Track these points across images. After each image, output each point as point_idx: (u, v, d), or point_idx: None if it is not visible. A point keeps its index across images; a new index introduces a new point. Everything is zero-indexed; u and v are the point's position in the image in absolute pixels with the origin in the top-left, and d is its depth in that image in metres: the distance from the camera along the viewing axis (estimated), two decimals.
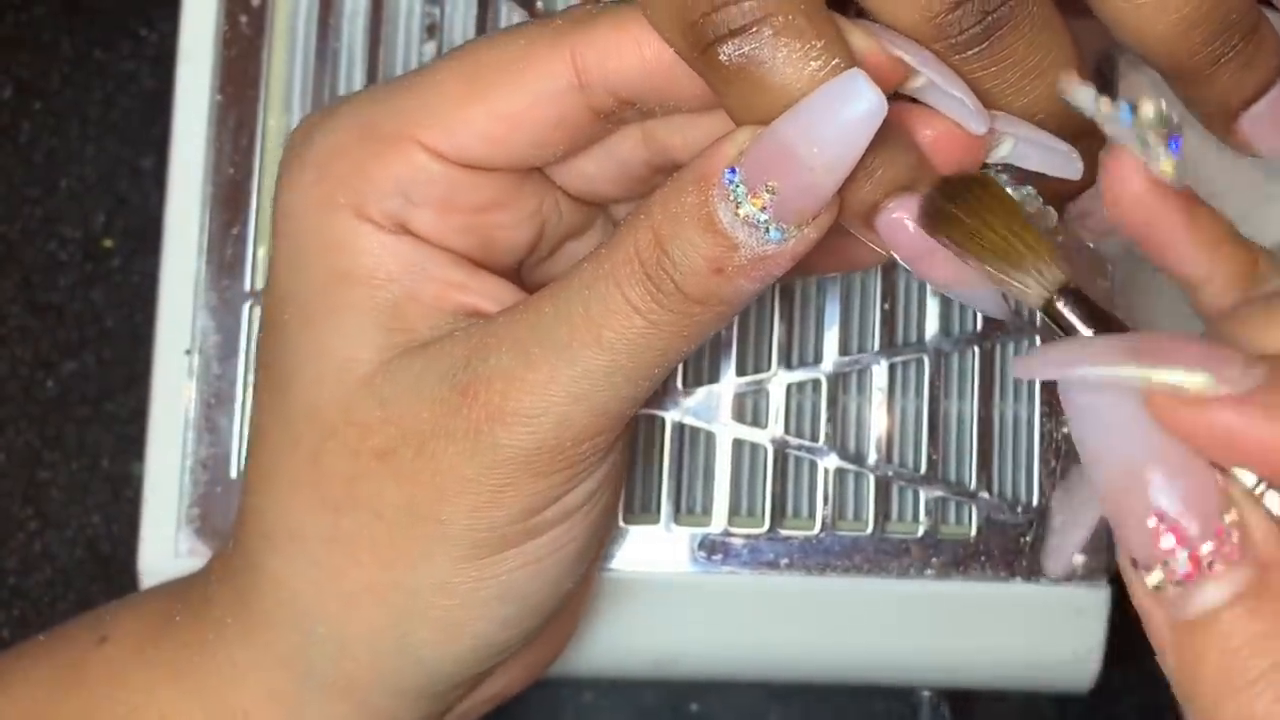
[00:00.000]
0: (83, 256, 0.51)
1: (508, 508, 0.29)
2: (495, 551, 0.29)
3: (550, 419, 0.28)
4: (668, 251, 0.27)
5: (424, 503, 0.29)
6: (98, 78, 0.52)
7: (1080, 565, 0.39)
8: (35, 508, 0.50)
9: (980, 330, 0.40)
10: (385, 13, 0.40)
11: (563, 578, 0.31)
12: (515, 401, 0.28)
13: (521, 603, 0.30)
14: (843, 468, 0.40)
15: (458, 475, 0.29)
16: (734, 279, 0.27)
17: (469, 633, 0.30)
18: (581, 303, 0.28)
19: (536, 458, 0.28)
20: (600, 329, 0.28)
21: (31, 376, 0.51)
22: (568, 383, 0.28)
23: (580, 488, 0.30)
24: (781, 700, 0.49)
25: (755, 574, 0.39)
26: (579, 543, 0.31)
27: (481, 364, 0.28)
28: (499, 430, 0.28)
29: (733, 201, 0.26)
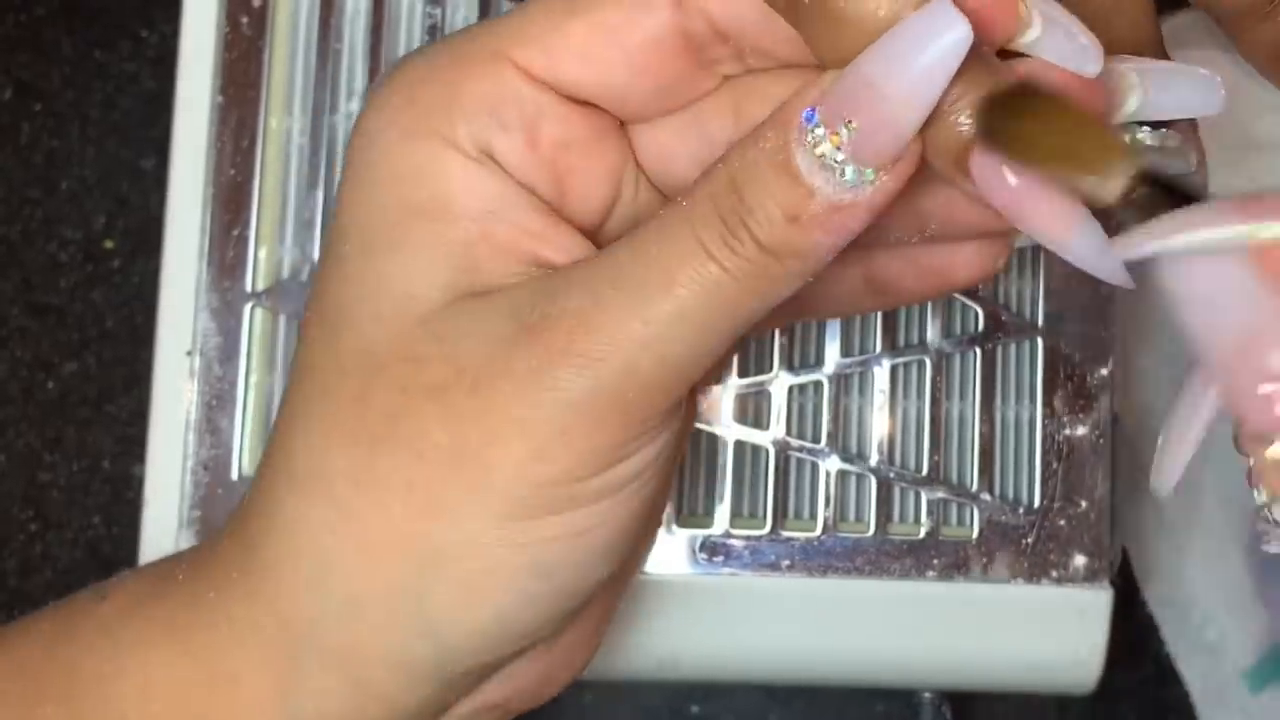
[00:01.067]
0: (83, 258, 0.51)
1: (558, 462, 0.27)
2: (536, 514, 0.28)
3: (615, 363, 0.27)
4: (744, 197, 0.26)
5: (471, 445, 0.27)
6: (98, 79, 0.52)
7: (1082, 567, 0.39)
8: (36, 509, 0.50)
9: (982, 331, 0.40)
10: (386, 14, 0.40)
11: (596, 562, 0.29)
12: (582, 343, 0.27)
13: (552, 579, 0.29)
14: (844, 469, 0.40)
15: (511, 416, 0.27)
16: (809, 230, 0.26)
17: (490, 603, 0.28)
18: (657, 245, 0.27)
19: (596, 404, 0.27)
20: (674, 274, 0.26)
21: (32, 378, 0.51)
22: (638, 327, 0.27)
23: (633, 459, 0.28)
24: (782, 702, 0.49)
25: (757, 575, 0.39)
26: (623, 523, 0.29)
27: (550, 304, 0.27)
28: (561, 371, 0.27)
29: (810, 142, 0.25)
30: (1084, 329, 0.40)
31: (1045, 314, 0.40)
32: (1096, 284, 0.40)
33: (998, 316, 0.40)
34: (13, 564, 0.50)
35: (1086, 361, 0.40)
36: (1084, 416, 0.40)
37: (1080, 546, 0.39)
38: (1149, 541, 0.49)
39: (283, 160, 0.40)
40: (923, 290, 0.31)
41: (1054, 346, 0.40)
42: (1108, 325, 0.40)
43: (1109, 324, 0.40)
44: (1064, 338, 0.40)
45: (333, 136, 0.41)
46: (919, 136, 0.26)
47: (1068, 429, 0.40)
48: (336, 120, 0.41)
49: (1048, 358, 0.40)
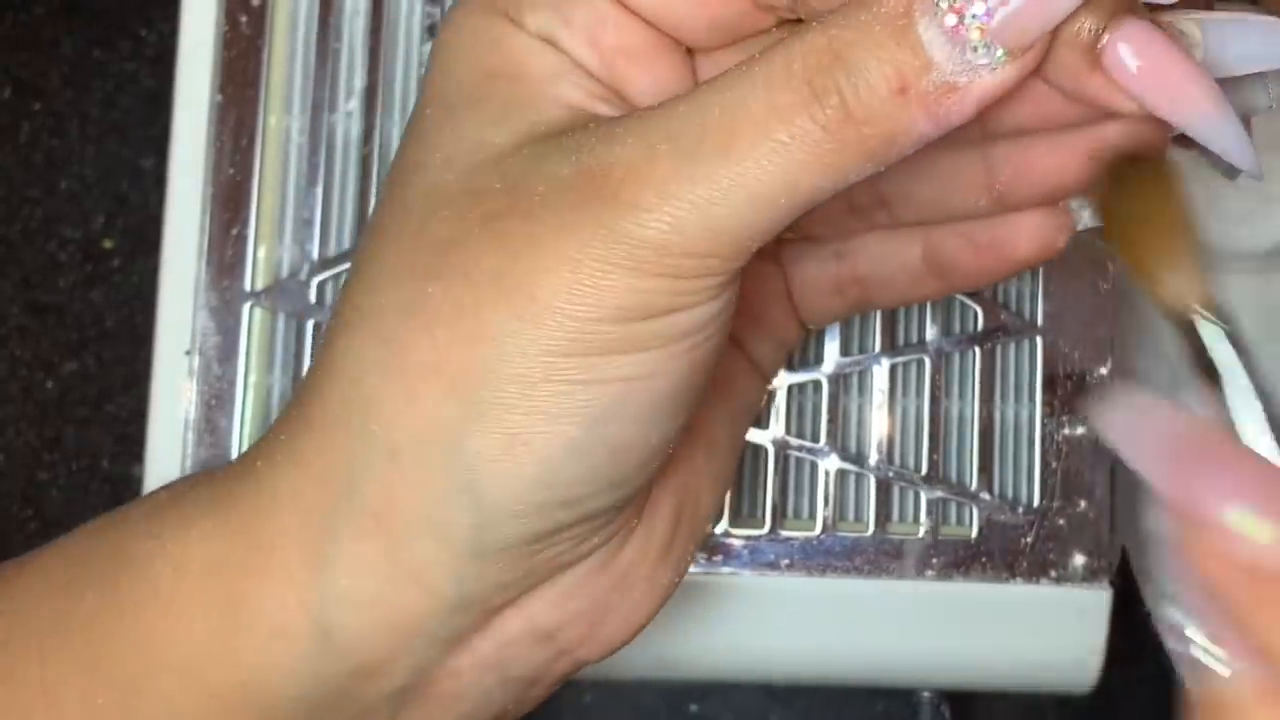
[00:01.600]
0: (82, 257, 0.51)
1: (603, 298, 0.26)
2: (585, 352, 0.27)
3: (662, 218, 0.26)
4: (844, 59, 0.25)
5: (519, 271, 0.27)
6: (97, 78, 0.52)
7: (1081, 566, 0.39)
8: (35, 508, 0.50)
9: (981, 331, 0.40)
10: (385, 13, 0.40)
11: (646, 418, 0.28)
12: (631, 191, 0.26)
13: (597, 429, 0.27)
14: (844, 469, 0.39)
15: (558, 249, 0.26)
16: (912, 107, 0.25)
17: (534, 452, 0.27)
18: (720, 103, 0.26)
19: (640, 252, 0.26)
20: (733, 134, 0.25)
21: (31, 377, 0.51)
22: (687, 185, 0.26)
23: (678, 316, 0.27)
24: (782, 701, 0.49)
25: (756, 575, 0.39)
26: (669, 380, 0.28)
27: (606, 150, 0.27)
28: (608, 213, 0.26)
29: (943, 8, 0.24)
30: (1083, 328, 0.40)
31: (1044, 313, 0.40)
32: (1096, 283, 0.40)
33: (997, 316, 0.40)
34: None
35: (1085, 360, 0.40)
36: (1083, 416, 0.40)
37: (1079, 546, 0.39)
38: (1147, 541, 0.49)
39: (282, 159, 0.40)
40: (982, 268, 0.30)
41: (1053, 346, 0.40)
42: (1107, 325, 0.40)
43: (1108, 323, 0.40)
44: (1063, 337, 0.40)
45: (331, 135, 0.41)
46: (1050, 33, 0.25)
47: (1067, 428, 0.40)
48: (335, 119, 0.41)
49: (1047, 357, 0.40)
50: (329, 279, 0.40)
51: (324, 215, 0.40)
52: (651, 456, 0.29)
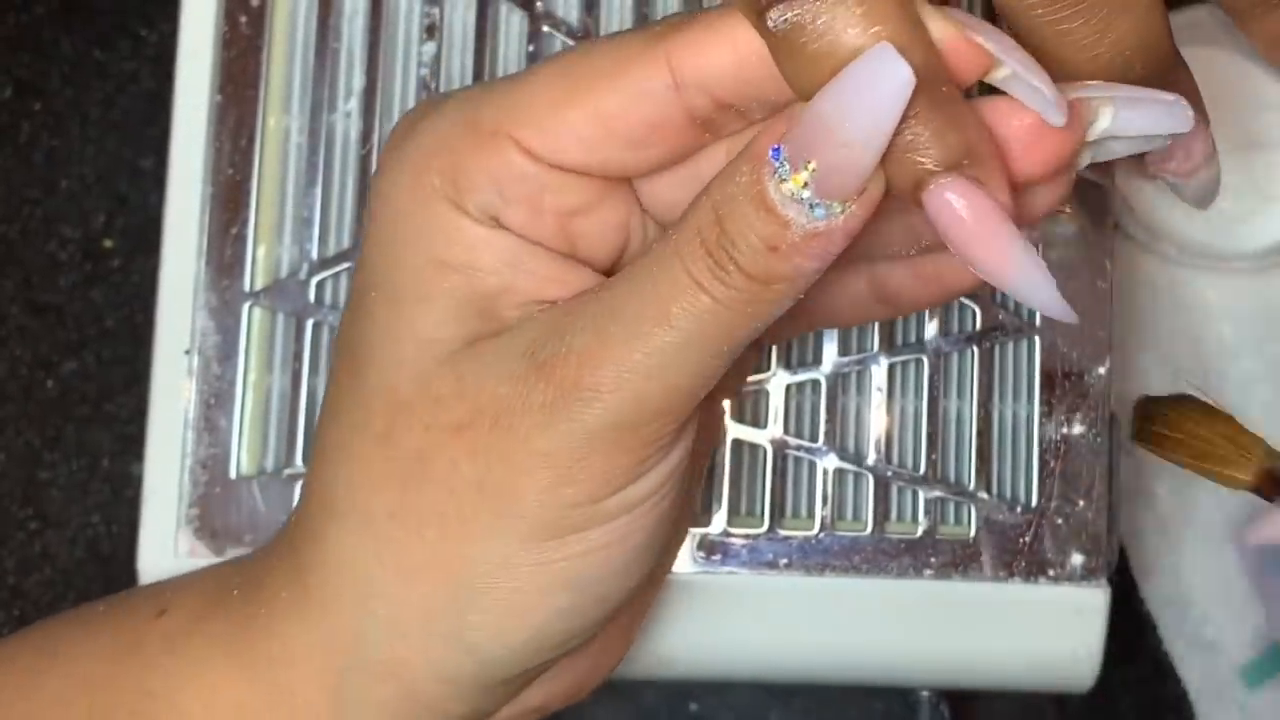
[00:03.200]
0: (82, 256, 0.51)
1: (580, 485, 0.29)
2: (562, 534, 0.29)
3: (625, 394, 0.28)
4: (726, 229, 0.27)
5: (497, 477, 0.29)
6: (97, 78, 0.52)
7: (1079, 565, 0.39)
8: (35, 508, 0.50)
9: (979, 330, 0.40)
10: (385, 13, 0.40)
11: (627, 570, 0.31)
12: (591, 376, 0.28)
13: (582, 592, 0.30)
14: (842, 468, 0.40)
15: (533, 449, 0.29)
16: (790, 257, 0.27)
17: (526, 621, 0.30)
18: (651, 281, 0.28)
19: (611, 433, 0.28)
20: (668, 305, 0.28)
21: (31, 376, 0.51)
22: (641, 359, 0.28)
23: (649, 476, 0.29)
24: (780, 700, 0.49)
25: (754, 574, 0.39)
26: (645, 534, 0.30)
27: (559, 342, 0.29)
28: (575, 405, 0.28)
29: (778, 178, 0.26)
30: (1081, 328, 0.40)
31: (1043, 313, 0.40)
32: (1094, 283, 0.40)
33: (995, 315, 0.40)
34: (12, 562, 0.50)
35: (1084, 360, 0.40)
36: (1081, 415, 0.40)
37: (1078, 545, 0.39)
38: (1146, 539, 0.49)
39: (281, 159, 0.40)
40: (927, 297, 0.32)
41: (1051, 345, 0.40)
42: (1105, 324, 0.40)
43: (1106, 323, 0.40)
44: (1061, 336, 0.40)
45: (331, 135, 0.41)
46: (882, 168, 0.27)
47: (1065, 428, 0.40)
48: (335, 119, 0.41)
49: (1045, 356, 0.40)
50: (328, 278, 0.40)
51: (323, 215, 0.40)
52: (635, 591, 0.31)
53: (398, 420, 0.30)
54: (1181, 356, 0.49)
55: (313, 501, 0.32)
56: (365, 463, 0.31)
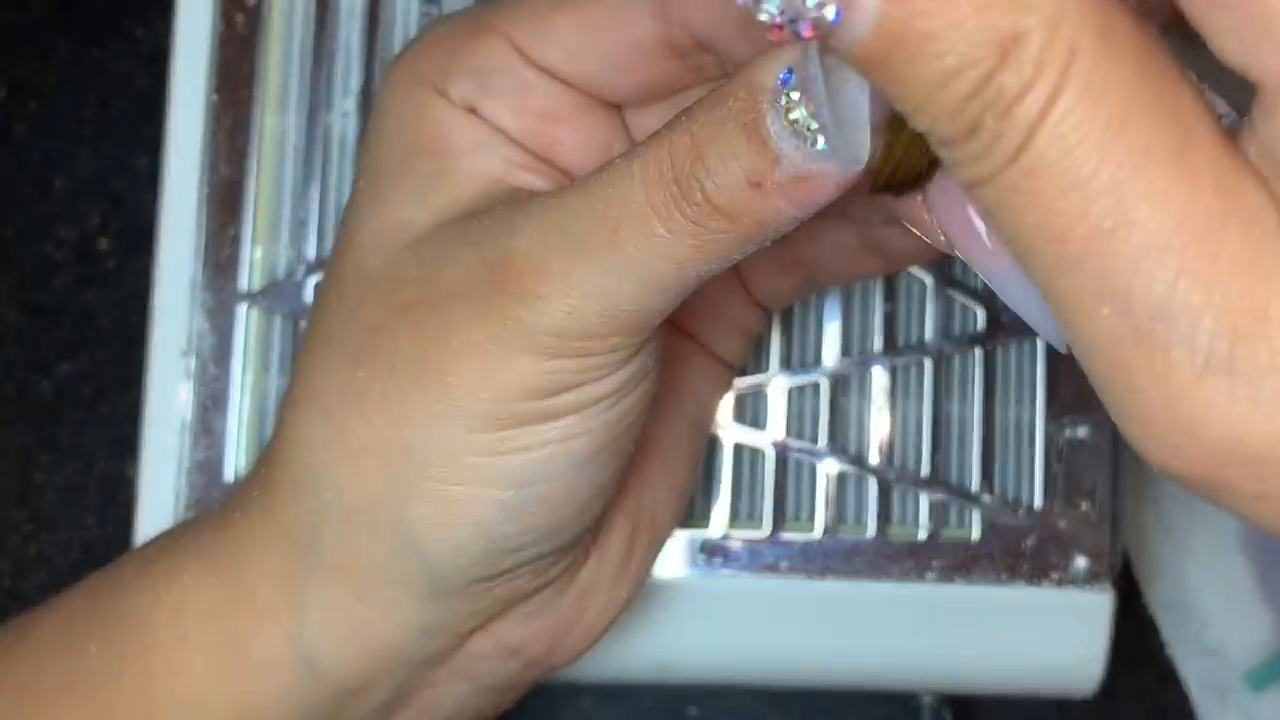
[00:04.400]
0: (77, 257, 0.51)
1: (514, 380, 0.28)
2: (499, 427, 0.29)
3: (561, 307, 0.28)
4: (704, 157, 0.26)
5: (434, 359, 0.29)
6: (93, 78, 0.52)
7: (1083, 569, 0.39)
8: (30, 510, 0.50)
9: (982, 332, 0.40)
10: (382, 12, 0.40)
11: (571, 476, 0.30)
12: (529, 282, 0.28)
13: (523, 490, 0.29)
14: (844, 471, 0.39)
15: (468, 337, 0.28)
16: (771, 197, 0.25)
17: (467, 514, 0.29)
18: (604, 198, 0.27)
19: (543, 339, 0.28)
20: (617, 228, 0.27)
21: (26, 378, 0.50)
22: (581, 277, 0.27)
23: (591, 386, 0.29)
24: (781, 705, 0.48)
25: (756, 577, 0.39)
26: (591, 441, 0.30)
27: (507, 240, 0.28)
28: (510, 304, 0.28)
29: (784, 106, 0.25)
30: None
31: None
32: None
33: (998, 317, 0.40)
34: (7, 565, 0.50)
35: None
36: (1085, 418, 0.39)
37: (1081, 548, 0.39)
38: (1150, 544, 0.49)
39: (278, 159, 0.40)
40: (917, 248, 0.31)
41: (1054, 347, 0.40)
42: None
43: None
44: None
45: (328, 135, 0.40)
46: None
47: (1069, 430, 0.39)
48: (332, 119, 0.40)
49: (1048, 358, 0.40)
50: None
51: (320, 216, 0.40)
52: (586, 505, 0.31)
53: (365, 299, 0.30)
54: None
55: (289, 390, 0.32)
56: (328, 343, 0.31)
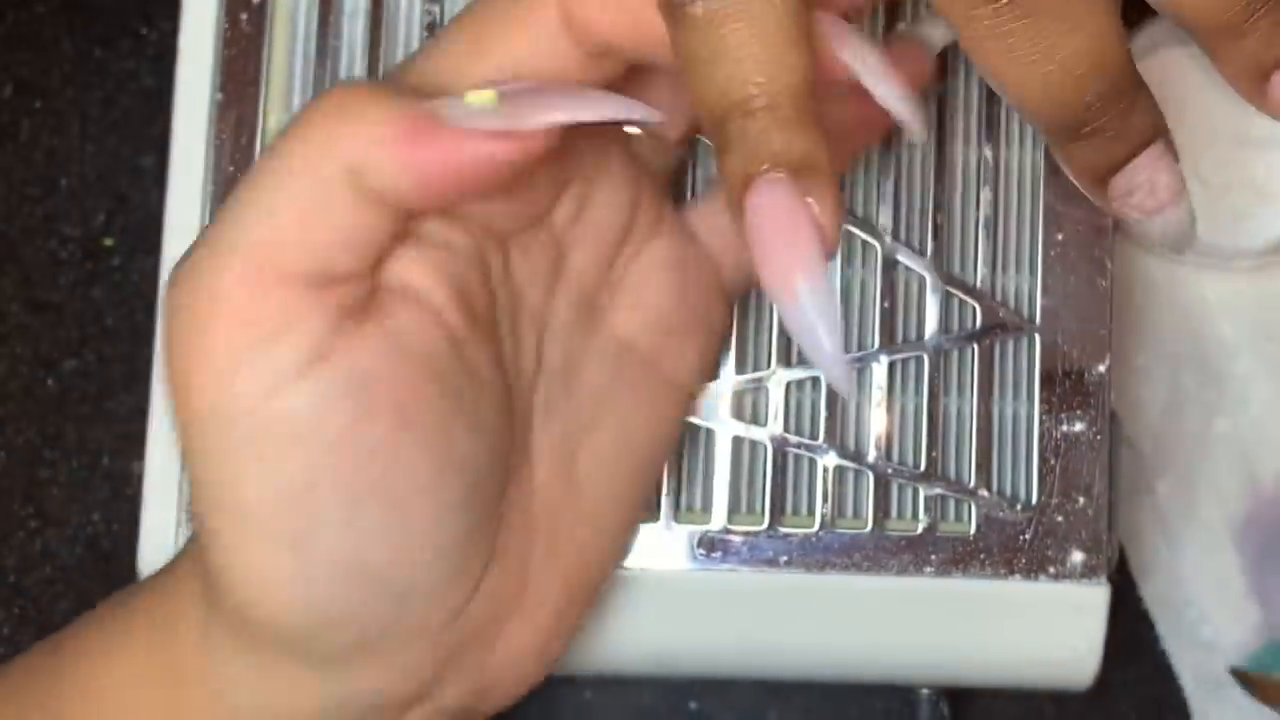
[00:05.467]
0: (83, 255, 0.51)
1: (244, 330, 0.28)
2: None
3: (232, 221, 0.29)
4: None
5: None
6: (98, 76, 0.52)
7: (1079, 563, 0.39)
8: (35, 506, 0.50)
9: (979, 328, 0.40)
10: (385, 11, 0.40)
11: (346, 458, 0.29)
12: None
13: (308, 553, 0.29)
14: (842, 465, 0.40)
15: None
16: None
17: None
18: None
19: (227, 256, 0.28)
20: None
21: (31, 375, 0.51)
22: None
23: (284, 346, 0.28)
24: (780, 698, 0.49)
25: (755, 571, 0.39)
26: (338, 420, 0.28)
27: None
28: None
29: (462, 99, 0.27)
30: (1081, 325, 0.40)
31: (1043, 310, 0.40)
32: (1094, 280, 0.40)
33: (995, 313, 0.40)
34: (12, 561, 0.50)
35: (1084, 358, 0.40)
36: (1081, 413, 0.40)
37: (1078, 543, 0.39)
38: (1145, 539, 0.49)
39: None
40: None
41: (1051, 343, 0.40)
42: (1105, 322, 0.40)
43: (1106, 321, 0.40)
44: (1061, 334, 0.40)
45: None
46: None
47: (1065, 425, 0.40)
48: None
49: (1045, 354, 0.40)
50: None
51: None
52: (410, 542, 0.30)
53: None
54: (1181, 355, 0.49)
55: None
56: None
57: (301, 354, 0.28)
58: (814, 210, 0.26)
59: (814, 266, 0.26)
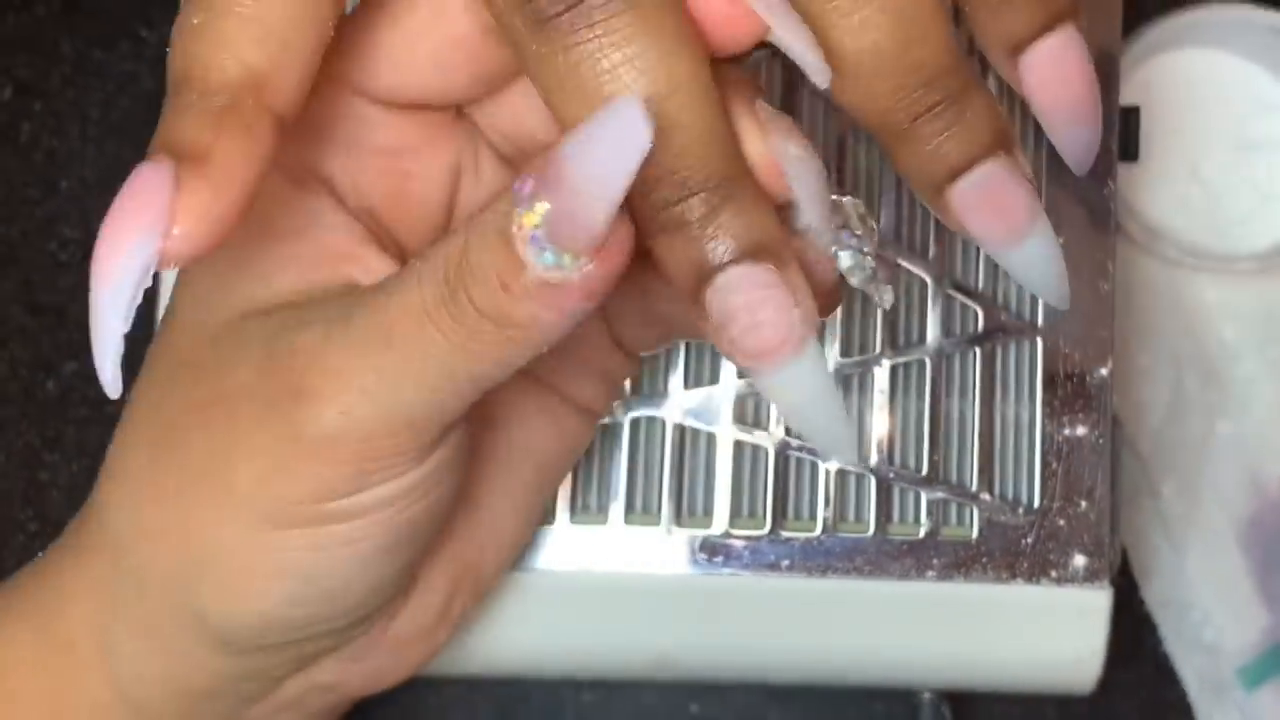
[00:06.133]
0: (83, 257, 0.51)
1: (295, 485, 0.28)
2: (281, 527, 0.29)
3: (336, 407, 0.27)
4: (469, 256, 0.26)
5: (219, 461, 0.29)
6: (98, 78, 0.52)
7: (1081, 567, 0.39)
8: (35, 509, 0.50)
9: (981, 331, 0.40)
10: None
11: (361, 570, 0.30)
12: (310, 380, 0.27)
13: (309, 584, 0.30)
14: (844, 470, 0.40)
15: (250, 440, 0.28)
16: (523, 301, 0.25)
17: (252, 604, 0.30)
18: (386, 296, 0.27)
19: (323, 444, 0.28)
20: (392, 327, 0.27)
21: (31, 377, 0.51)
22: (355, 375, 0.27)
23: (380, 489, 0.29)
24: (782, 702, 0.49)
25: (756, 576, 0.39)
26: (379, 541, 0.29)
27: (294, 334, 0.28)
28: (291, 405, 0.28)
29: (520, 214, 0.25)
30: (1083, 329, 0.40)
31: (1045, 314, 0.40)
32: (1096, 284, 0.40)
33: (997, 317, 0.40)
34: (12, 563, 0.50)
35: (1086, 361, 0.40)
36: (1084, 416, 0.40)
37: (1080, 546, 0.39)
38: (1147, 541, 0.49)
39: None
40: (697, 328, 0.29)
41: (1053, 347, 0.40)
42: (1107, 325, 0.40)
43: (1108, 324, 0.40)
44: (1063, 337, 0.40)
45: None
46: (628, 231, 0.25)
47: (1067, 429, 0.40)
48: None
49: (1047, 358, 0.40)
50: None
51: None
52: (378, 590, 0.31)
53: (170, 389, 0.30)
54: (1183, 358, 0.49)
55: (106, 462, 0.32)
56: (135, 424, 0.31)
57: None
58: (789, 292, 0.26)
59: (802, 348, 0.26)
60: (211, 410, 0.29)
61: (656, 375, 0.40)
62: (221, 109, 0.26)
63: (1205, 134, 0.50)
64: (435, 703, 0.49)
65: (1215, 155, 0.50)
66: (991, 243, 0.29)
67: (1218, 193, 0.50)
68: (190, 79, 0.26)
